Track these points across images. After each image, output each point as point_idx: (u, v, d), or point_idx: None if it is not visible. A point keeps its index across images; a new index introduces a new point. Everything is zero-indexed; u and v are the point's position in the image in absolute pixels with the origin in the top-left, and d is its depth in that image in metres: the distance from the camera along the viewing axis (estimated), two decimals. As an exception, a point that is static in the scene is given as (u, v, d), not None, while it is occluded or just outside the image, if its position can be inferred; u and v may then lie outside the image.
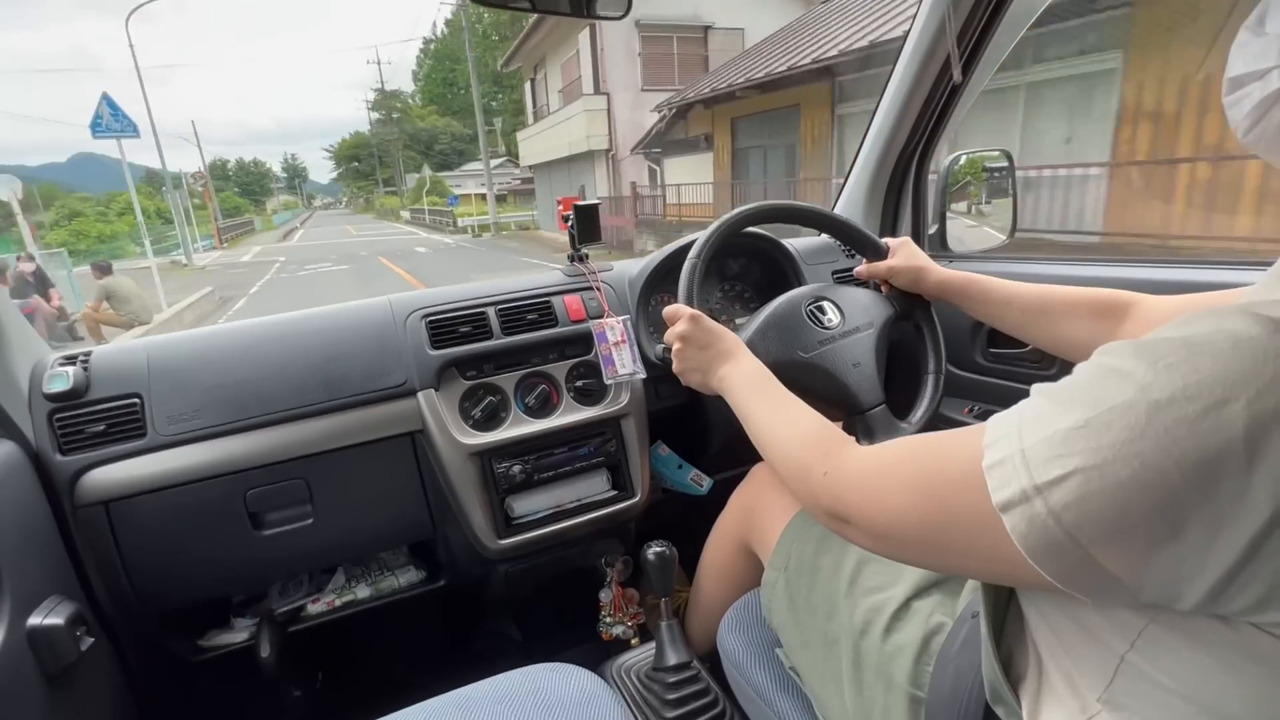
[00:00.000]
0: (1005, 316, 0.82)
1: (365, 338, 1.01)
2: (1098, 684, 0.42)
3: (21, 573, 0.76)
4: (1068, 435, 0.35)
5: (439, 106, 61.35)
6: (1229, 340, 0.32)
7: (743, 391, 0.71)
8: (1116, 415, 0.34)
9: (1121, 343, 0.37)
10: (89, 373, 0.90)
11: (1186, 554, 0.32)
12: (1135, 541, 0.33)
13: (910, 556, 0.49)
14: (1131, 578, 0.35)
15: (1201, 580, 0.33)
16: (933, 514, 0.43)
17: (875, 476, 0.49)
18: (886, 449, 0.51)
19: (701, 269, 0.89)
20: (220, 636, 1.04)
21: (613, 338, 1.07)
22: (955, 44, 1.08)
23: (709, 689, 0.97)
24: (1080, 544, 0.34)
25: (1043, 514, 0.35)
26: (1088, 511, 0.34)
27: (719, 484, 1.22)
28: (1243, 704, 0.36)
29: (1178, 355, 0.34)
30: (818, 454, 0.56)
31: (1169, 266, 0.94)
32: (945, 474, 0.43)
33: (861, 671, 0.65)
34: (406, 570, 1.15)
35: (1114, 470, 0.33)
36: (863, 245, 0.99)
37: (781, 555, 0.80)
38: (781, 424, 0.64)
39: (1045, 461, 0.36)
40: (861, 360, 0.89)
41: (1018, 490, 0.36)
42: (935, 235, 1.31)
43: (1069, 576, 0.36)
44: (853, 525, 0.51)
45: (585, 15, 0.93)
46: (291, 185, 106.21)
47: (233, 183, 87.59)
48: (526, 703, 0.72)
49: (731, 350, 0.77)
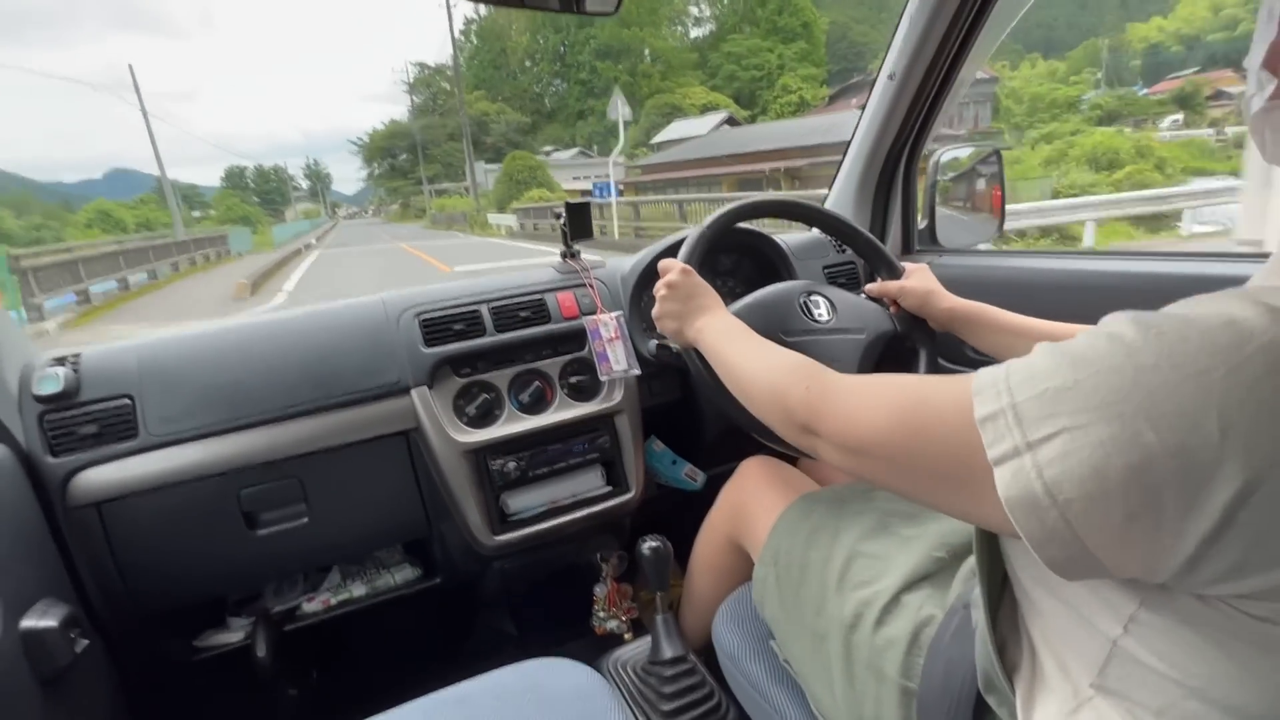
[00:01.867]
0: (1015, 347, 0.81)
1: (358, 336, 1.01)
2: (1090, 669, 0.43)
3: (14, 575, 0.75)
4: (1057, 394, 0.36)
5: (486, 91, 52.90)
6: (1223, 319, 0.33)
7: (720, 338, 0.73)
8: (1104, 378, 0.35)
9: (1124, 313, 0.38)
10: (79, 374, 0.89)
11: (1164, 523, 0.33)
12: (1112, 511, 0.34)
13: (876, 475, 0.49)
14: (1106, 553, 0.35)
15: (1178, 552, 0.33)
16: (908, 437, 0.45)
17: (854, 395, 0.51)
18: (869, 377, 0.53)
19: (708, 239, 0.90)
20: (215, 636, 1.03)
21: (606, 334, 1.07)
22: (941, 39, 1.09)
23: (704, 682, 0.98)
24: (1056, 502, 0.35)
25: (1028, 468, 0.36)
26: (1067, 468, 0.35)
27: (713, 479, 1.22)
28: (1234, 684, 0.37)
29: (1171, 326, 0.35)
30: (800, 375, 0.58)
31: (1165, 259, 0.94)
32: (926, 403, 0.44)
33: (852, 665, 0.65)
34: (402, 568, 1.15)
35: (1095, 430, 0.34)
36: (879, 262, 0.99)
37: (771, 551, 0.81)
38: (760, 358, 0.65)
39: (1037, 420, 0.37)
40: (842, 360, 0.89)
41: (1010, 446, 0.37)
42: (925, 230, 1.32)
43: (1043, 541, 0.37)
44: (823, 439, 0.52)
45: (575, 11, 0.92)
46: (314, 193, 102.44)
47: (252, 191, 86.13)
48: (523, 698, 0.72)
49: (712, 305, 0.79)
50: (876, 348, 0.93)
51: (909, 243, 1.39)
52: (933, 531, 0.71)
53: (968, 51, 1.14)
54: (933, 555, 0.68)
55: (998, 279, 1.16)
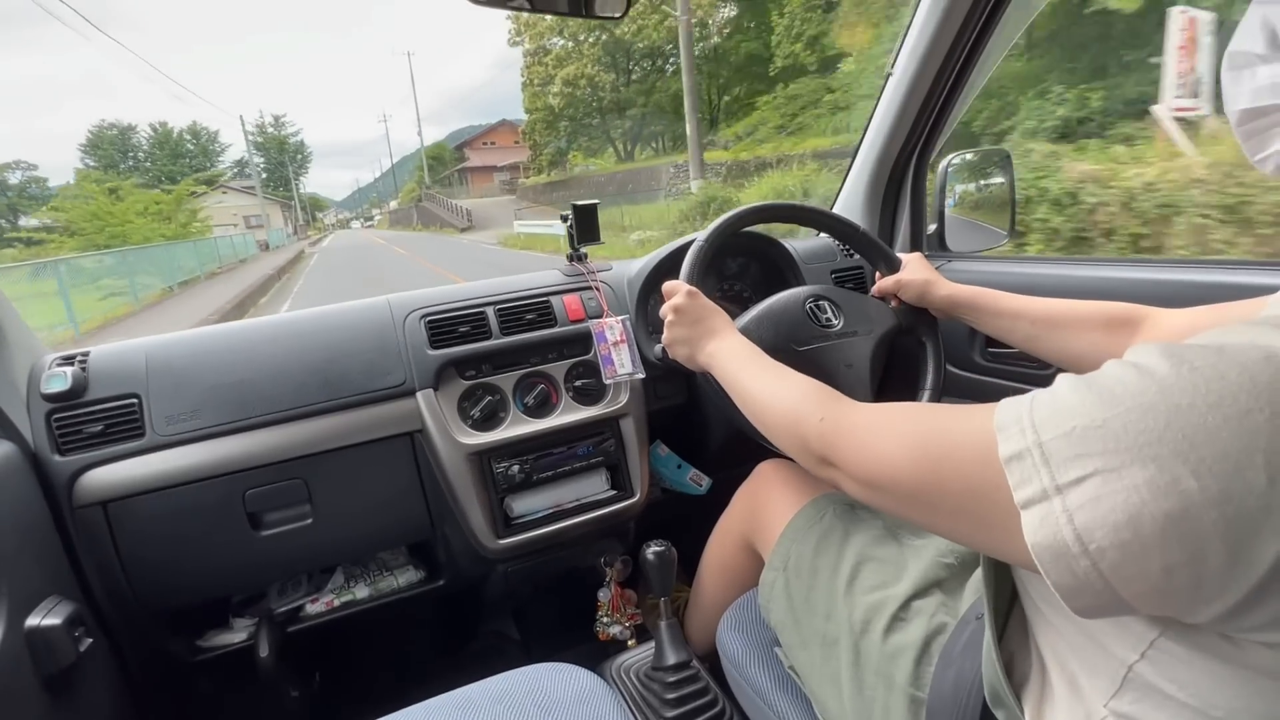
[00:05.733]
0: (1015, 330, 0.81)
1: (364, 338, 1.01)
2: (1104, 691, 0.42)
3: (19, 573, 0.76)
4: (1085, 433, 0.34)
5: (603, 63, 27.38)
6: (1261, 354, 0.31)
7: (732, 363, 0.72)
8: (1135, 417, 0.33)
9: (1153, 344, 0.36)
10: (87, 373, 0.89)
11: (1206, 576, 0.31)
12: (1149, 561, 0.32)
13: (896, 508, 0.48)
14: (1140, 601, 0.33)
15: (1220, 603, 0.31)
16: (925, 471, 0.43)
17: (871, 428, 0.50)
18: (887, 406, 0.51)
19: (709, 253, 0.89)
20: (219, 636, 1.03)
21: (612, 337, 1.07)
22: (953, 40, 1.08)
23: (708, 688, 0.97)
24: (1088, 551, 0.33)
25: (1057, 512, 0.34)
26: (1099, 515, 0.32)
27: (718, 483, 1.22)
28: (1254, 718, 0.35)
29: (1206, 360, 0.32)
30: (814, 404, 0.56)
31: (1177, 267, 0.92)
32: (946, 435, 0.43)
33: (861, 671, 0.65)
34: (405, 570, 1.14)
35: (1129, 473, 0.32)
36: (876, 257, 0.99)
37: (780, 555, 0.80)
38: (775, 383, 0.64)
39: (1066, 461, 0.34)
40: (855, 363, 0.89)
41: (1038, 489, 0.35)
42: (934, 235, 1.31)
43: (1074, 591, 0.34)
44: (841, 471, 0.51)
45: (584, 15, 0.92)
46: (267, 174, 60.01)
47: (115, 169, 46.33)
48: (526, 702, 0.72)
49: (722, 328, 0.78)
50: (884, 345, 0.92)
51: (918, 248, 1.38)
52: (942, 539, 0.70)
53: (980, 53, 1.13)
54: (942, 562, 0.67)
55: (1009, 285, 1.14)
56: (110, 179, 29.68)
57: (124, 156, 51.83)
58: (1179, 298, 0.87)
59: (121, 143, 51.82)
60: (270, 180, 59.98)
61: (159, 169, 50.64)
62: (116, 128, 51.20)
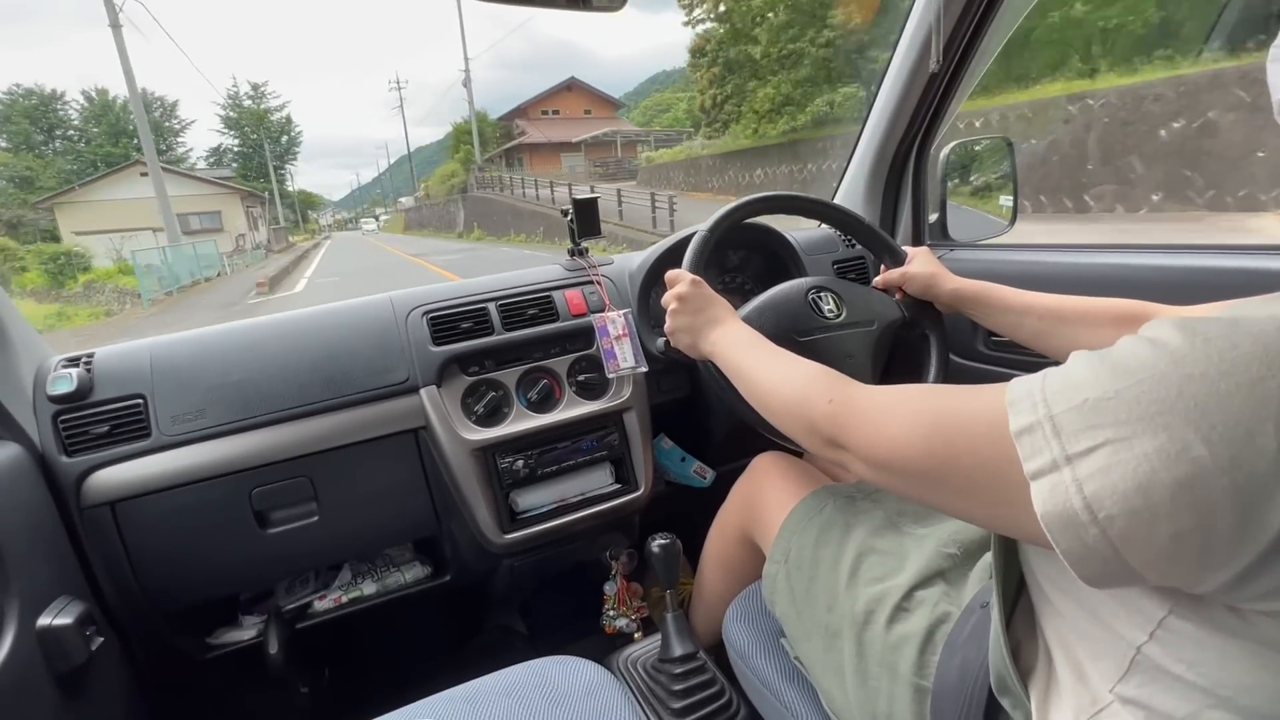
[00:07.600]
0: (1022, 325, 0.81)
1: (367, 335, 1.01)
2: (1110, 676, 0.42)
3: (30, 574, 0.76)
4: (1098, 405, 0.34)
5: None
6: (1275, 324, 0.32)
7: (736, 350, 0.72)
8: (1148, 387, 0.33)
9: (1167, 319, 0.36)
10: (92, 374, 0.90)
11: (1215, 542, 0.31)
12: (1158, 528, 0.32)
13: (906, 488, 0.48)
14: (1148, 569, 0.33)
15: (1228, 568, 0.32)
16: (937, 449, 0.43)
17: (883, 408, 0.49)
18: (896, 387, 0.51)
19: (711, 243, 0.89)
20: (228, 634, 1.04)
21: (614, 331, 1.07)
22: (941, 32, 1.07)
23: (715, 679, 0.98)
24: (1097, 519, 0.33)
25: (1066, 482, 0.34)
26: (1109, 483, 0.33)
27: (722, 476, 1.22)
28: (1269, 696, 0.35)
29: (1219, 332, 0.33)
30: (822, 386, 0.56)
31: (1184, 253, 0.91)
32: (958, 412, 0.43)
33: (865, 662, 0.65)
34: (412, 566, 1.15)
35: (1140, 442, 0.32)
36: (880, 250, 0.99)
37: (781, 548, 0.80)
38: (781, 368, 0.64)
39: (1076, 433, 0.35)
40: (856, 354, 0.88)
41: (1048, 460, 0.36)
42: (936, 224, 1.30)
43: (1082, 558, 0.35)
44: (851, 452, 0.51)
45: (582, 8, 0.92)
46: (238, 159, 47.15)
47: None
48: (533, 695, 0.72)
49: (725, 316, 0.78)
50: (887, 337, 0.92)
51: (919, 237, 1.37)
52: (944, 529, 0.70)
53: (980, 41, 1.12)
54: (945, 552, 0.67)
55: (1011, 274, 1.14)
56: (24, 161, 22.50)
57: (48, 134, 37.82)
58: (1186, 284, 0.86)
59: (43, 115, 37.33)
60: (245, 168, 46.00)
61: (95, 151, 37.16)
62: (36, 94, 36.78)
